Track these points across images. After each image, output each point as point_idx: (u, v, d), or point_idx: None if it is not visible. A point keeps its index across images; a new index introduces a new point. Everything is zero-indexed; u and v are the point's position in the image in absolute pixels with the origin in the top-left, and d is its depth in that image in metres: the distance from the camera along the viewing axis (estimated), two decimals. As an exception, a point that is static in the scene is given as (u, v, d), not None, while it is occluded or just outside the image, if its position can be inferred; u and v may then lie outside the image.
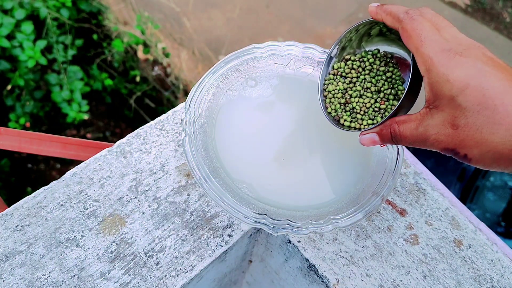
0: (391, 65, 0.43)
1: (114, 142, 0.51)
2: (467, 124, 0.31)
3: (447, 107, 0.32)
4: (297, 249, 0.47)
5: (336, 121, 0.44)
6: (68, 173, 0.48)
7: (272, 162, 0.46)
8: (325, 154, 0.48)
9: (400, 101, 0.38)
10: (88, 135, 2.13)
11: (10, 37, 1.59)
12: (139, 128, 0.53)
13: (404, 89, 0.42)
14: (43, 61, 1.60)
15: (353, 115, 0.43)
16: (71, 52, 1.75)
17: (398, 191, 0.53)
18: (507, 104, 0.30)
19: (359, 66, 0.44)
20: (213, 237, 0.46)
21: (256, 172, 0.45)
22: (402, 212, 0.51)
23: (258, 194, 0.44)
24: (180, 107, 0.56)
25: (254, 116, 0.49)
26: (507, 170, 0.32)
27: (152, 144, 0.52)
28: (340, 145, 0.48)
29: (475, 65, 0.32)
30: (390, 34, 0.43)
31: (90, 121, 2.16)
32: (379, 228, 0.50)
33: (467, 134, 0.31)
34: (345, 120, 0.43)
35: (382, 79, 0.43)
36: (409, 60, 0.42)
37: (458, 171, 1.41)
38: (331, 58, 0.45)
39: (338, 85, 0.45)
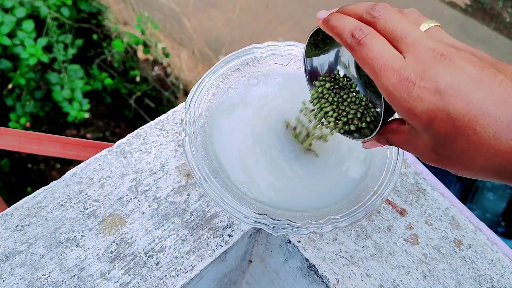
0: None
1: (114, 142, 0.51)
2: (447, 153, 0.30)
3: (424, 135, 0.30)
4: (297, 249, 0.47)
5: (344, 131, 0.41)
6: (68, 173, 0.48)
7: (272, 162, 0.46)
8: (325, 154, 0.48)
9: (380, 123, 0.36)
10: (88, 135, 2.13)
11: (11, 35, 1.59)
12: (139, 128, 0.53)
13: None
14: (45, 58, 1.60)
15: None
16: (71, 51, 1.75)
17: (398, 191, 0.53)
18: (481, 131, 0.27)
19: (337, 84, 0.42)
20: (213, 237, 0.46)
21: (256, 172, 0.45)
22: (402, 212, 0.51)
23: (258, 194, 0.44)
24: (180, 107, 0.56)
25: (254, 116, 0.49)
26: (500, 181, 0.30)
27: (152, 144, 0.52)
28: (340, 145, 0.48)
29: (438, 91, 0.28)
30: None
31: (90, 121, 2.16)
32: (379, 228, 0.50)
33: (449, 162, 0.30)
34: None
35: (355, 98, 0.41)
36: None
37: (458, 171, 1.41)
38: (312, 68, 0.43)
39: (325, 102, 0.42)
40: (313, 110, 0.43)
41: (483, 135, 0.28)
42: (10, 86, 1.73)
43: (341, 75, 0.42)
